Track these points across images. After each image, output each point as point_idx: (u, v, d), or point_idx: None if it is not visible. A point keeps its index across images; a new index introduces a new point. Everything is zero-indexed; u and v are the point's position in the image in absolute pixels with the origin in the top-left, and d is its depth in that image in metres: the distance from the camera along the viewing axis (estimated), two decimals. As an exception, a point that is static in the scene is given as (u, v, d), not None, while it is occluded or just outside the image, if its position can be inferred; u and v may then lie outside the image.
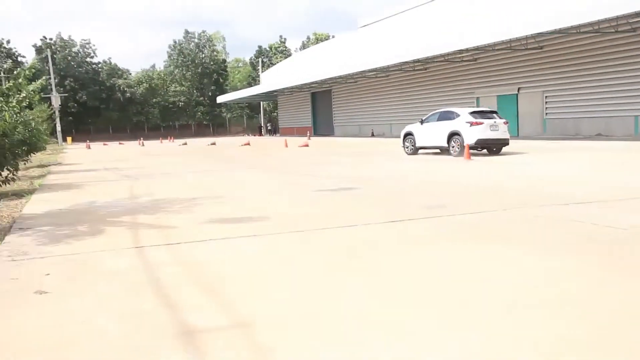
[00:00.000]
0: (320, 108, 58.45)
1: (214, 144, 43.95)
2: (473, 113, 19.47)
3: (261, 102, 79.44)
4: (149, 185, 13.41)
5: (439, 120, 20.30)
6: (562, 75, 29.18)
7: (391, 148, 26.39)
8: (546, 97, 30.57)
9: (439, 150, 20.57)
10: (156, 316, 3.95)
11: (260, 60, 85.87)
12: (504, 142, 19.46)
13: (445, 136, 19.42)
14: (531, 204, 8.19)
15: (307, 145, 32.85)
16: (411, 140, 21.29)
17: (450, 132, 19.25)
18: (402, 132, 22.33)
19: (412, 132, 21.32)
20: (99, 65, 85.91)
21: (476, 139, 18.46)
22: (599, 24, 23.94)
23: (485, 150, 19.48)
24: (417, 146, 21.01)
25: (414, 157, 19.75)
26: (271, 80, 64.45)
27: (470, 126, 18.64)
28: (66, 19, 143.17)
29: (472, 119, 18.80)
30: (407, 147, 21.52)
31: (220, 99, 73.65)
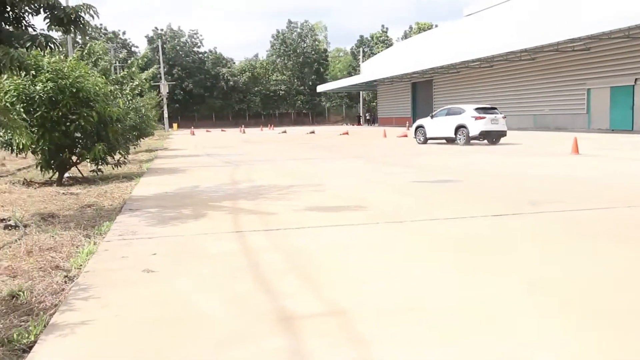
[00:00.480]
0: (420, 98, 57.59)
1: (312, 132, 44.38)
2: (477, 109, 22.86)
3: (361, 92, 79.37)
4: (249, 171, 13.73)
5: (447, 115, 24.05)
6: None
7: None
8: (666, 89, 28.57)
9: (444, 141, 24.20)
10: (255, 300, 4.01)
11: (361, 49, 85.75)
12: (502, 134, 23.09)
13: (453, 128, 23.14)
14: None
15: (405, 136, 32.51)
16: (422, 132, 24.91)
17: (457, 124, 22.96)
18: (413, 125, 26.64)
19: (423, 125, 25.09)
20: (205, 55, 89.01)
21: (480, 131, 22.15)
22: None
23: (485, 140, 22.99)
24: (427, 137, 24.64)
25: (510, 151, 19.06)
26: (371, 70, 64.21)
27: (475, 120, 22.28)
28: (176, 10, 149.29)
29: (477, 114, 22.39)
30: (418, 138, 25.24)
31: (320, 88, 74.27)
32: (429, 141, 24.63)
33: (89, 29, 7.00)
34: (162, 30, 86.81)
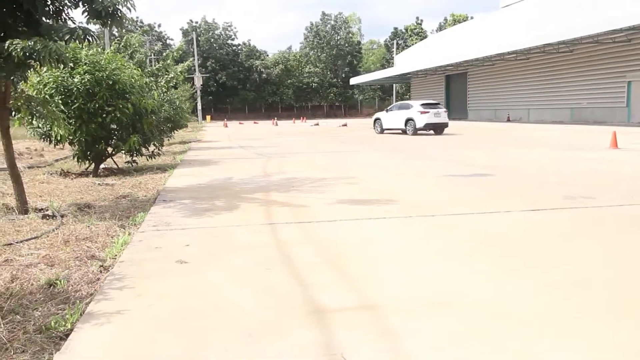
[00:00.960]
0: (454, 91, 56.99)
1: (345, 125, 44.30)
2: (423, 105, 26.85)
3: (394, 85, 78.88)
4: (281, 163, 13.78)
5: (399, 109, 28.10)
6: None
7: (526, 133, 25.25)
8: None
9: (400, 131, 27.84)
10: (286, 292, 4.04)
11: (395, 42, 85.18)
12: (445, 125, 26.82)
13: (404, 121, 27.11)
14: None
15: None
16: (379, 124, 29.40)
17: (406, 118, 26.91)
18: (373, 117, 31.14)
19: (380, 118, 29.68)
20: (239, 47, 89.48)
21: (424, 123, 25.95)
22: None
23: (432, 131, 26.79)
24: (383, 128, 29.08)
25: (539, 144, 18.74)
26: (405, 62, 63.74)
27: (420, 114, 26.10)
28: (211, 2, 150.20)
29: (422, 109, 26.25)
30: (376, 129, 29.71)
31: (354, 80, 73.99)
32: (385, 131, 28.88)
33: (126, 21, 7.07)
34: (196, 22, 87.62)
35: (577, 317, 3.49)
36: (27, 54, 5.90)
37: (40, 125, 11.03)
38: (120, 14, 6.74)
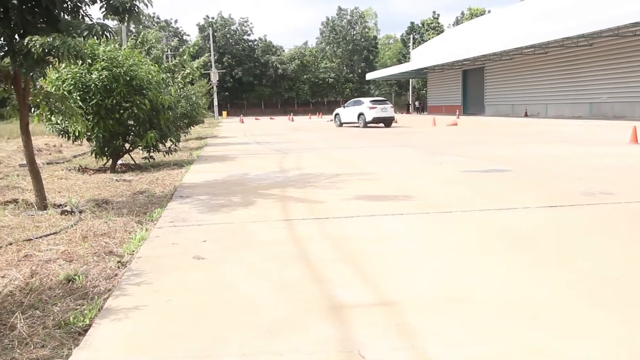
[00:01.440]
0: (471, 86, 56.60)
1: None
2: (372, 101, 31.09)
3: (410, 80, 78.52)
4: (297, 159, 13.78)
5: (354, 105, 32.35)
6: None
7: (544, 128, 25.02)
8: None
9: (357, 124, 31.23)
10: (303, 288, 4.03)
11: (411, 37, 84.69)
12: (392, 119, 31.57)
13: (356, 115, 31.56)
14: None
15: (455, 124, 32.05)
16: (339, 118, 34.01)
17: (359, 112, 31.23)
18: (333, 113, 35.81)
19: (339, 113, 34.31)
20: (255, 43, 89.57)
21: (372, 117, 30.27)
22: None
23: (382, 124, 30.97)
24: (342, 122, 33.50)
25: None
26: (421, 57, 63.42)
27: (369, 109, 30.36)
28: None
29: (371, 105, 30.50)
30: (336, 122, 34.46)
31: (370, 75, 73.80)
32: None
33: (143, 17, 7.10)
34: (213, 18, 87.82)
35: (596, 314, 3.44)
36: (46, 50, 5.94)
37: (58, 121, 11.13)
38: (137, 10, 6.77)
